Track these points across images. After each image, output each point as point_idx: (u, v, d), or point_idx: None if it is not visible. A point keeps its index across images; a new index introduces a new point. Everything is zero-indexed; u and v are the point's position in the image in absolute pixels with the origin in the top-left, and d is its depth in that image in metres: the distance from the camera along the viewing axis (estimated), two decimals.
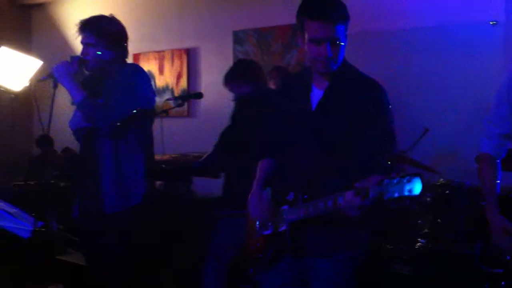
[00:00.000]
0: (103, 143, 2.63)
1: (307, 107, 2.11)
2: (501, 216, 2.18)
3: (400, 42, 4.65)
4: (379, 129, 2.01)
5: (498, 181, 2.26)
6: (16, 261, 3.50)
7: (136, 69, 2.82)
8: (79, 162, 2.80)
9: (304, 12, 2.03)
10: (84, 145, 2.74)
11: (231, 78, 3.71)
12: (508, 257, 2.17)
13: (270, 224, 2.17)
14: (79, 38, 2.76)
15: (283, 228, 2.11)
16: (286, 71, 4.35)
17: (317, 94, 2.11)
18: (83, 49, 2.70)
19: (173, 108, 3.79)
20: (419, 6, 4.59)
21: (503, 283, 2.20)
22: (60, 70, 2.61)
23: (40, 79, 2.68)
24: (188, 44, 6.21)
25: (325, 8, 1.98)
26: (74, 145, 5.60)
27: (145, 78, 2.77)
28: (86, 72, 2.81)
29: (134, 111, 2.57)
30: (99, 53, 2.65)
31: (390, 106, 2.08)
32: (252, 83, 3.64)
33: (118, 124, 2.52)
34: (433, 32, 4.46)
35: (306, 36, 2.02)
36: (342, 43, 2.01)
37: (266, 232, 2.19)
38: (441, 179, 3.31)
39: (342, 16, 1.99)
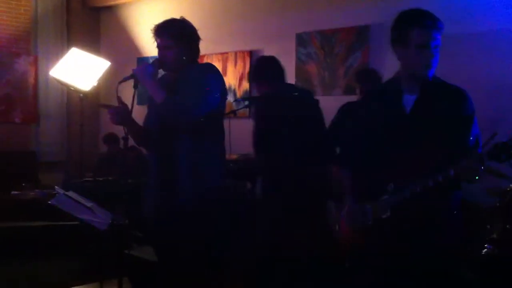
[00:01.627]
0: (181, 140, 2.73)
1: (401, 111, 2.35)
2: None
3: (472, 46, 4.57)
4: (466, 132, 2.31)
5: None
6: (89, 253, 3.67)
7: (211, 67, 2.92)
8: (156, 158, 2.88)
9: (411, 21, 2.30)
10: (160, 143, 2.83)
11: (252, 78, 3.77)
12: None
13: (370, 216, 2.39)
14: (148, 44, 2.87)
15: (386, 214, 2.32)
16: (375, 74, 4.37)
17: (409, 99, 2.36)
18: (161, 51, 2.80)
19: (241, 108, 3.89)
20: (488, 9, 4.49)
21: None
22: (142, 72, 2.71)
23: (122, 80, 2.79)
24: (252, 46, 6.29)
25: (431, 17, 2.28)
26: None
27: (220, 76, 2.88)
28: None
29: (214, 107, 2.68)
30: (178, 55, 2.75)
31: (474, 112, 2.35)
32: (272, 82, 3.69)
33: (201, 120, 2.62)
34: (504, 35, 4.36)
35: (411, 42, 2.28)
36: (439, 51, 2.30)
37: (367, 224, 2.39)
38: (511, 185, 3.24)
39: (440, 25, 2.28)
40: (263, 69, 3.83)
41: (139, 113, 2.92)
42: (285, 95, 3.72)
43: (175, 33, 2.77)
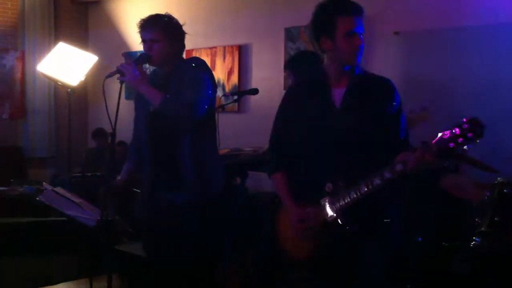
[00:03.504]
0: (181, 136, 2.73)
1: (332, 106, 2.32)
2: None
3: (458, 40, 4.56)
4: (397, 117, 2.31)
5: None
6: (79, 249, 3.65)
7: (202, 62, 2.93)
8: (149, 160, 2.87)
9: (336, 11, 2.29)
10: (158, 139, 2.82)
11: (285, 66, 3.69)
12: None
13: (313, 222, 2.30)
14: (136, 39, 2.86)
15: (332, 215, 2.24)
16: None
17: (338, 93, 2.33)
18: (147, 45, 2.79)
19: (229, 103, 3.87)
20: (478, 3, 4.48)
21: None
22: (133, 75, 2.68)
23: (108, 75, 2.77)
24: (240, 40, 6.27)
25: (353, 4, 2.30)
26: (128, 139, 5.73)
27: (211, 71, 2.92)
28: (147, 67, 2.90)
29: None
30: (164, 48, 2.74)
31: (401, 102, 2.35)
32: (296, 76, 3.64)
33: (202, 116, 2.62)
34: (493, 30, 4.36)
35: (340, 32, 2.27)
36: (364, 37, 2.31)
37: (313, 230, 2.30)
38: (499, 178, 3.25)
39: (362, 11, 2.30)
40: (304, 63, 3.73)
41: (125, 108, 2.91)
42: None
43: (162, 27, 2.78)
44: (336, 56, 2.31)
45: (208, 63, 6.35)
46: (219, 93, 6.01)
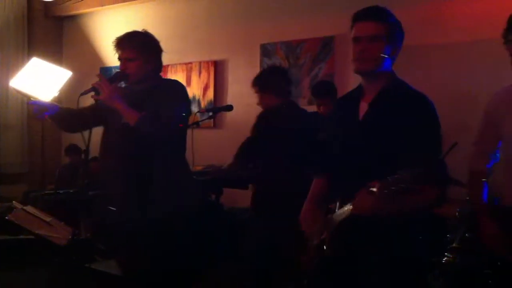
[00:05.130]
0: (153, 153, 2.71)
1: (355, 118, 2.23)
2: (494, 223, 2.33)
3: (433, 57, 4.65)
4: (422, 142, 2.05)
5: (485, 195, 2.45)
6: (51, 269, 3.57)
7: (178, 82, 2.95)
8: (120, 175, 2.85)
9: (352, 20, 2.24)
10: (130, 155, 2.80)
11: (257, 84, 3.70)
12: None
13: (316, 235, 2.27)
14: (111, 54, 2.85)
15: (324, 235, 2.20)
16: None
17: (364, 106, 2.23)
18: (122, 64, 2.78)
19: (204, 119, 3.86)
20: (457, 20, 4.57)
21: None
22: (109, 94, 2.66)
23: (83, 93, 2.76)
24: (216, 56, 6.29)
25: (369, 9, 2.21)
26: None
27: (185, 90, 2.92)
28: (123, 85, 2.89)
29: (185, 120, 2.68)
30: (140, 67, 2.73)
31: (436, 121, 2.14)
32: (279, 97, 3.64)
33: (175, 134, 2.62)
34: (471, 46, 4.44)
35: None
36: (380, 42, 2.14)
37: (314, 243, 2.28)
38: (468, 193, 3.29)
39: (380, 14, 2.17)
40: (273, 79, 3.72)
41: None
42: (294, 113, 3.66)
43: (137, 45, 2.76)
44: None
45: (184, 78, 6.48)
46: (195, 109, 6.02)
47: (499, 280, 2.30)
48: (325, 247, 2.22)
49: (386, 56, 2.16)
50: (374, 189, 1.89)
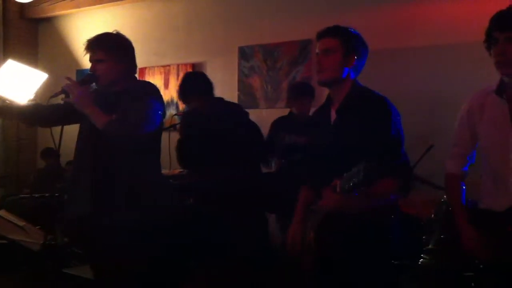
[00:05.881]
0: (120, 157, 2.68)
1: (328, 123, 2.45)
2: (472, 227, 2.33)
3: (409, 60, 4.69)
4: (381, 141, 2.25)
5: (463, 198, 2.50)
6: (25, 274, 3.52)
7: (151, 85, 2.89)
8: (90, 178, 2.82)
9: None
10: (99, 158, 2.77)
11: (181, 95, 3.80)
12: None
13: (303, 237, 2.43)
14: (87, 56, 2.81)
15: (309, 236, 2.37)
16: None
17: (333, 114, 2.46)
18: (92, 65, 2.74)
19: (180, 123, 3.84)
20: (427, 25, 4.62)
21: None
22: (79, 96, 2.61)
23: (53, 95, 2.71)
24: (194, 59, 6.26)
25: (330, 27, 2.46)
26: None
27: (160, 94, 2.85)
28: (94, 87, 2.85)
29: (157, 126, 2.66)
30: (110, 68, 2.70)
31: (394, 119, 2.32)
32: (202, 97, 3.71)
33: (143, 139, 2.59)
34: (441, 50, 4.49)
35: None
36: (333, 54, 2.38)
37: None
38: (446, 196, 3.32)
39: (332, 32, 2.42)
40: (191, 85, 3.81)
41: (75, 127, 2.86)
42: (216, 110, 3.74)
43: (107, 46, 2.72)
44: None
45: (162, 81, 6.45)
46: (172, 111, 5.99)
47: (482, 283, 2.30)
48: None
49: (342, 66, 2.39)
50: (337, 187, 2.11)
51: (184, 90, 3.78)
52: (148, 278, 2.83)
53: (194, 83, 3.80)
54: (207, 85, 3.82)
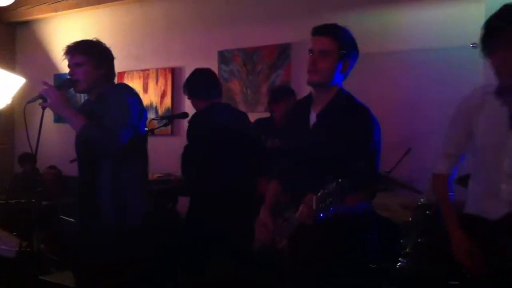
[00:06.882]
0: (103, 165, 2.67)
1: (306, 126, 2.40)
2: (462, 234, 2.22)
3: (386, 64, 4.72)
4: (359, 152, 2.23)
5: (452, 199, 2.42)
6: (0, 282, 3.46)
7: (128, 89, 2.87)
8: (79, 182, 2.81)
9: None
10: (83, 165, 2.75)
11: (184, 91, 3.73)
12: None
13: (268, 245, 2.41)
14: (66, 61, 2.80)
15: (282, 243, 2.32)
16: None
17: (313, 116, 2.41)
18: (71, 70, 2.73)
19: (160, 127, 3.82)
20: (404, 29, 4.66)
21: None
22: (56, 100, 2.60)
23: (30, 101, 2.69)
24: (173, 63, 6.24)
25: (319, 26, 2.38)
26: (58, 163, 5.54)
27: (139, 98, 2.84)
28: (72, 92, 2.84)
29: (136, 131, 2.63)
30: (88, 73, 2.69)
31: (374, 131, 2.30)
32: (206, 100, 3.65)
33: (123, 145, 2.57)
34: (418, 54, 4.53)
35: None
36: (330, 57, 2.31)
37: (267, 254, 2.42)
38: (422, 199, 3.34)
39: (333, 32, 2.34)
40: (200, 84, 3.71)
41: (54, 132, 2.84)
42: (215, 117, 3.66)
43: (85, 50, 2.73)
44: None
45: (141, 85, 6.42)
46: (152, 116, 5.96)
47: None
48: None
49: (336, 71, 2.34)
50: (312, 204, 2.08)
51: (189, 88, 3.69)
52: (134, 283, 2.81)
53: (201, 83, 3.70)
54: (215, 87, 3.74)
